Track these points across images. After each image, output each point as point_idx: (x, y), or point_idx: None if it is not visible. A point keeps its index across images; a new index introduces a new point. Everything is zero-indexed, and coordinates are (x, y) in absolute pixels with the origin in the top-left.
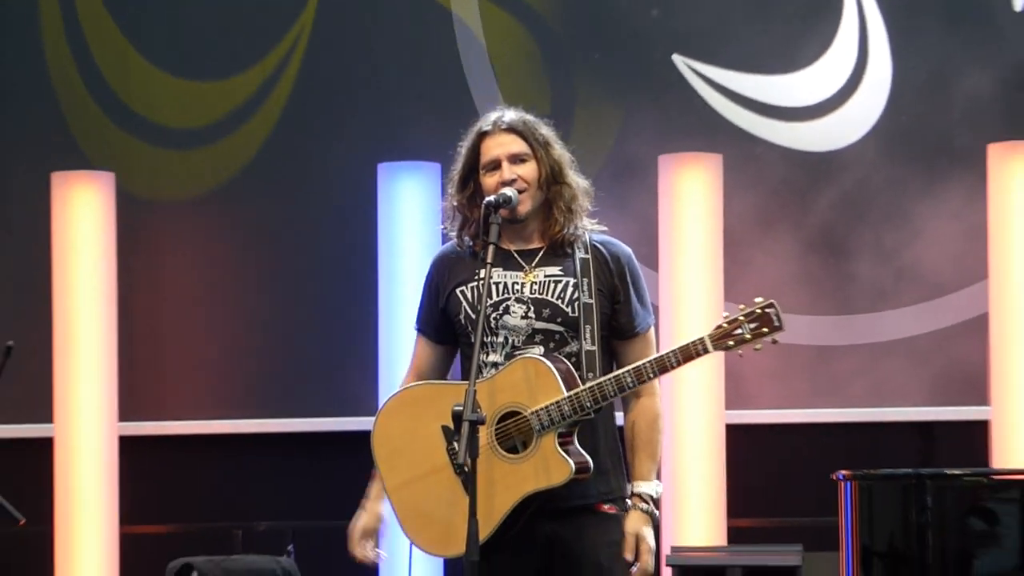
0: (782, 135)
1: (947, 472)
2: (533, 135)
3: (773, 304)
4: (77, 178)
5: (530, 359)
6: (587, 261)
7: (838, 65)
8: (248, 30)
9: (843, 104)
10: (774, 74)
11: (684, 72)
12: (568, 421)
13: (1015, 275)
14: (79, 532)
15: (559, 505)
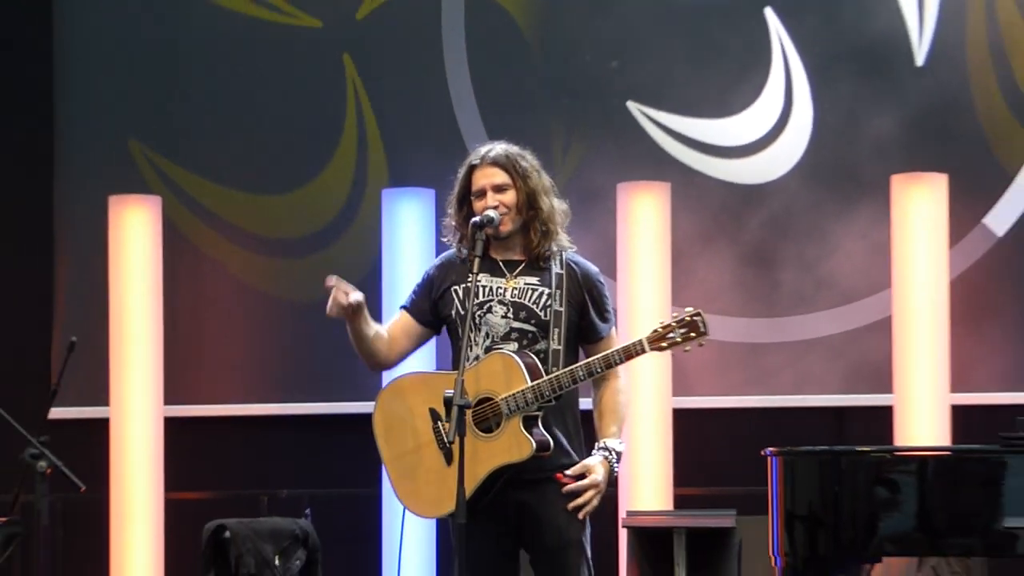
0: (719, 169)
1: (857, 449)
2: (514, 167)
3: (700, 313)
4: (131, 200)
5: (503, 354)
6: (562, 276)
7: (767, 110)
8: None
9: (772, 143)
10: (713, 118)
11: (636, 116)
12: (532, 406)
13: (913, 284)
14: (130, 498)
15: (526, 476)
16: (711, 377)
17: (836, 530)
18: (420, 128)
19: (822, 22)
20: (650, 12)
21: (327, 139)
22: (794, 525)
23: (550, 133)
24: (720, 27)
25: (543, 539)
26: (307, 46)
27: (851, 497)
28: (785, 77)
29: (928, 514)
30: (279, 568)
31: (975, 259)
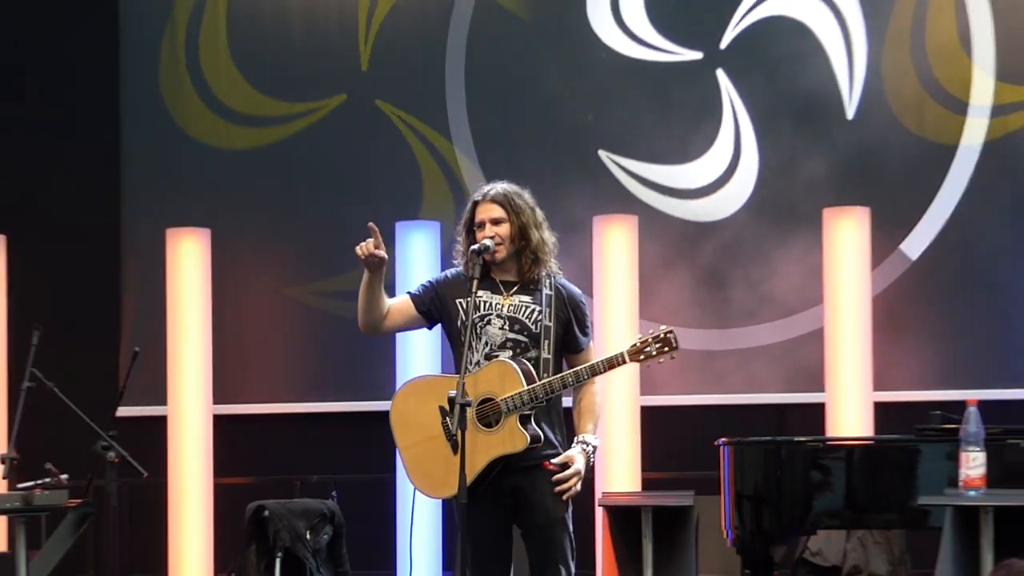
0: (678, 208)
1: (795, 439)
2: (510, 204)
3: (672, 331)
4: (184, 232)
5: (503, 362)
6: (551, 296)
7: (719, 157)
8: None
9: (724, 185)
10: (673, 164)
11: (607, 163)
12: (527, 406)
13: (841, 301)
14: (184, 482)
15: (519, 464)
16: (672, 379)
17: (778, 508)
18: (430, 172)
19: (765, 81)
20: (622, 72)
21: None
22: (742, 504)
23: (536, 173)
24: (679, 85)
25: (533, 517)
26: (346, 105)
27: (790, 480)
28: (734, 128)
29: (854, 494)
30: (310, 542)
31: (893, 279)
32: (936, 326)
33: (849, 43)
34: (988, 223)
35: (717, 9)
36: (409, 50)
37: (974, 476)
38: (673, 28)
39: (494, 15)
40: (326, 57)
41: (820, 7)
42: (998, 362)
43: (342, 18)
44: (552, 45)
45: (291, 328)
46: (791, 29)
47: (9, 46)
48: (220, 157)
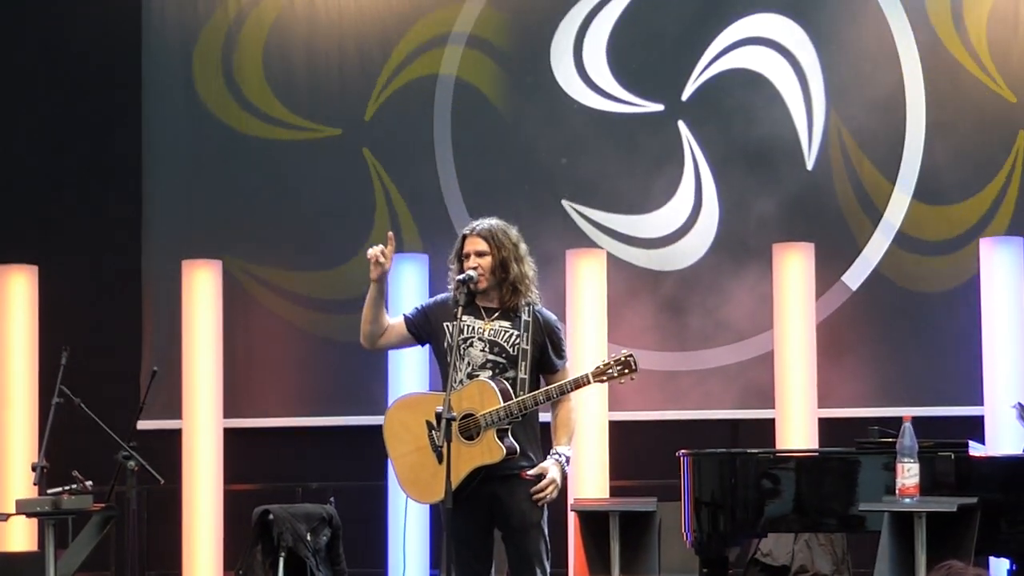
0: (641, 258)
1: (748, 451)
2: (493, 238)
3: (632, 355)
4: (199, 263)
5: (482, 381)
6: (528, 323)
7: (683, 202)
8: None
9: (689, 231)
10: (638, 213)
11: (570, 212)
12: (504, 421)
13: (789, 326)
14: (198, 488)
15: (498, 473)
16: (637, 396)
17: (732, 512)
18: (415, 206)
19: (720, 130)
20: (591, 122)
21: (364, 219)
22: (700, 509)
23: (515, 210)
24: (644, 134)
25: (510, 521)
26: (333, 150)
27: (743, 488)
28: (695, 174)
29: (801, 500)
30: (310, 543)
31: (835, 307)
32: (874, 350)
33: (808, 94)
34: (919, 257)
35: (678, 64)
36: (406, 119)
37: (909, 485)
38: (636, 82)
39: (472, 98)
40: (340, 94)
41: (775, 59)
42: (930, 382)
43: (364, 71)
44: (528, 97)
45: (294, 350)
46: (746, 80)
47: (41, 94)
48: (233, 182)
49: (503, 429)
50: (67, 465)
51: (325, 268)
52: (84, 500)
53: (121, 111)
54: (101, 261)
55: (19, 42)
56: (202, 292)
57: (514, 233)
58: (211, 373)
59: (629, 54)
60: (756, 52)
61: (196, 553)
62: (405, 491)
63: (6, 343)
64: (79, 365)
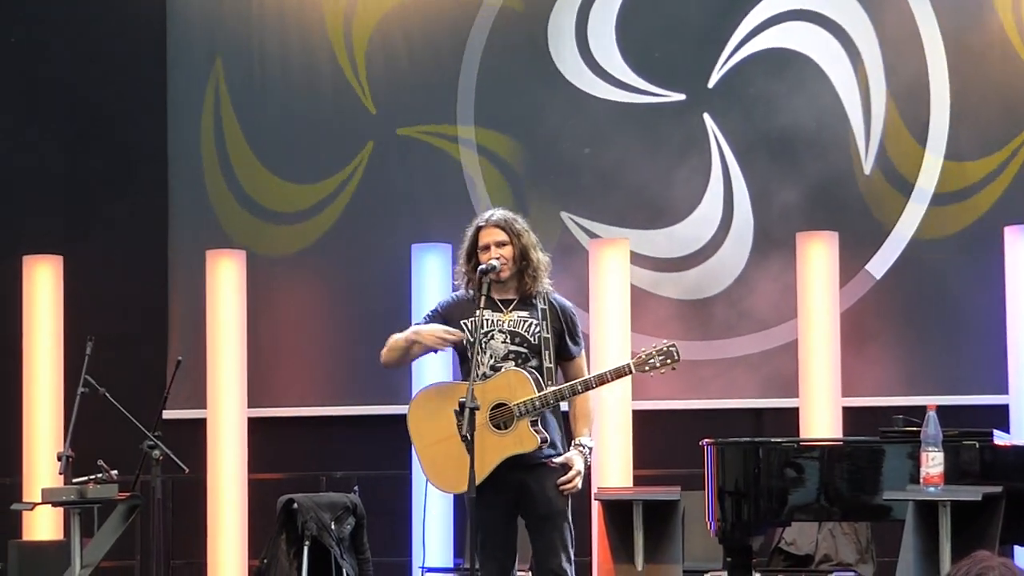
0: (663, 249)
1: (772, 440)
2: (511, 228)
3: (675, 344)
4: (223, 253)
5: (516, 371)
6: (546, 310)
7: (714, 195)
8: (326, 155)
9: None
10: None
11: (567, 223)
12: (539, 410)
13: (813, 315)
14: (223, 477)
15: (526, 462)
16: (661, 385)
17: (756, 501)
18: (440, 197)
19: (743, 118)
20: (613, 112)
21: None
22: (724, 498)
23: (540, 200)
24: (666, 125)
25: (537, 509)
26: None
27: (767, 476)
28: (722, 166)
29: (825, 489)
30: (334, 531)
31: (859, 296)
32: (898, 338)
33: (861, 73)
34: (943, 245)
35: (701, 50)
36: (404, 65)
37: (933, 474)
38: (656, 70)
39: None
40: (337, 124)
41: (802, 48)
42: (954, 371)
43: (335, 77)
44: (548, 87)
45: (318, 340)
46: (770, 69)
47: (67, 86)
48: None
49: (535, 419)
50: (92, 455)
51: (357, 262)
52: (109, 489)
53: (146, 101)
54: (126, 251)
55: (46, 35)
56: (226, 282)
57: (524, 222)
58: (235, 363)
59: (644, 39)
60: (795, 28)
61: (221, 542)
62: (431, 481)
63: (32, 333)
64: (104, 355)
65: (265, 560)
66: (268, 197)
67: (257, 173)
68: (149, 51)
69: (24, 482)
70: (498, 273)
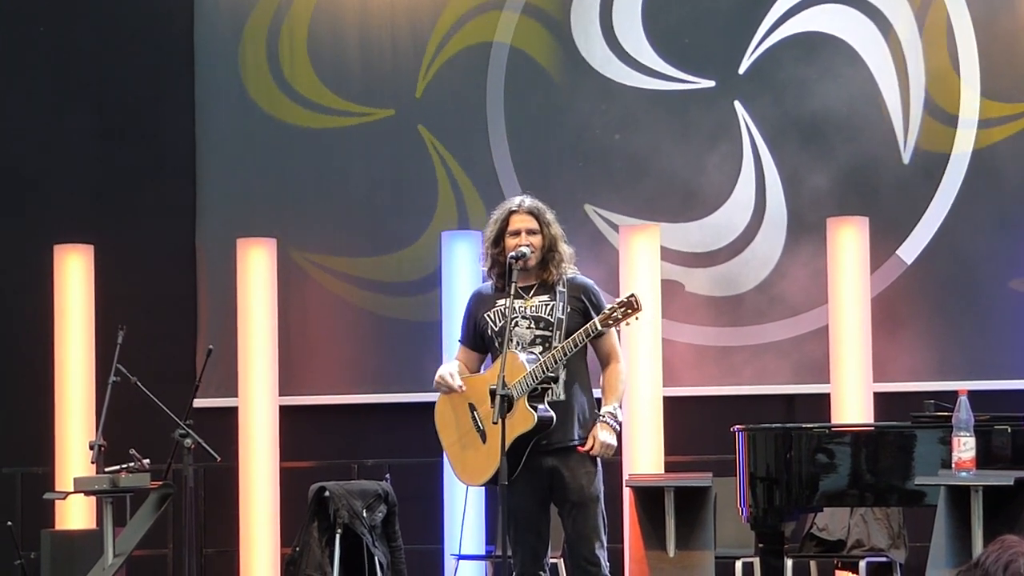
0: (695, 237)
1: (803, 425)
2: (542, 217)
3: (634, 294)
4: (253, 242)
5: (509, 353)
6: (564, 293)
7: (745, 188)
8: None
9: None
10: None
11: (591, 215)
12: (534, 386)
13: (844, 301)
14: (254, 465)
15: (556, 446)
16: (692, 372)
17: (788, 487)
18: (471, 183)
19: (773, 103)
20: (644, 98)
21: (426, 198)
22: (756, 484)
23: (570, 187)
24: (696, 111)
25: (569, 495)
26: (390, 131)
27: (799, 462)
28: (753, 152)
29: (857, 475)
30: (366, 519)
31: (890, 281)
32: (930, 324)
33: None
34: (976, 230)
35: (731, 36)
36: (459, 94)
37: (965, 459)
38: (685, 56)
39: (525, 65)
40: (390, 74)
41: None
42: (986, 356)
43: (415, 48)
44: (580, 75)
45: (349, 328)
46: (802, 53)
47: (96, 76)
48: (287, 165)
49: (536, 396)
50: (124, 444)
51: (386, 252)
52: (141, 478)
53: (174, 91)
54: (156, 240)
55: (74, 26)
56: (257, 270)
57: (551, 212)
58: (266, 351)
59: (672, 26)
60: (826, 11)
61: (253, 530)
62: (458, 476)
63: (64, 323)
64: (135, 344)
65: (297, 548)
66: (299, 187)
67: (286, 162)
68: (177, 40)
69: (56, 471)
70: (527, 261)
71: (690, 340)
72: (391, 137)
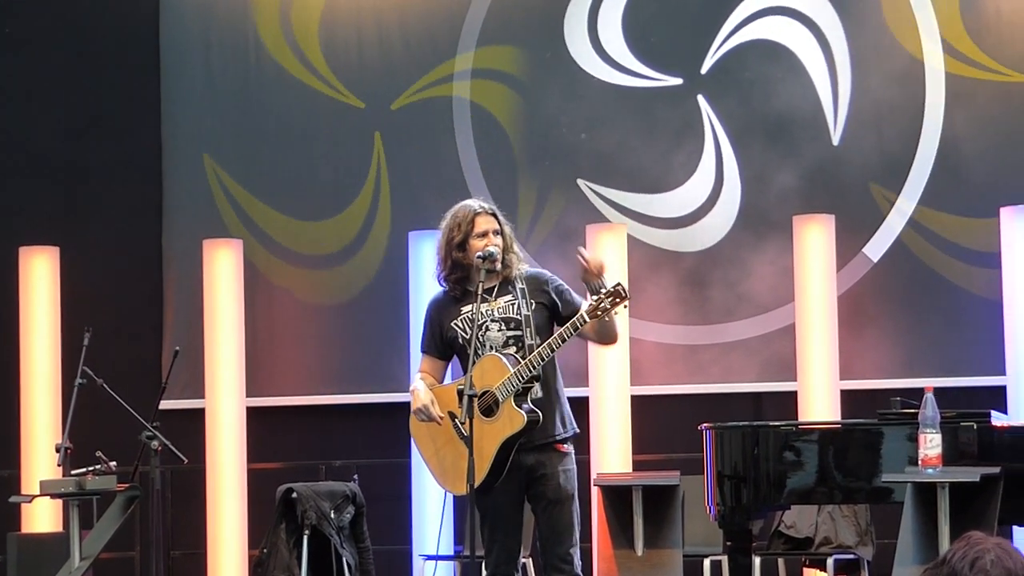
0: (659, 238)
1: (770, 423)
2: (499, 219)
3: (621, 283)
4: (219, 243)
5: (490, 356)
6: (524, 289)
7: (704, 177)
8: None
9: (711, 209)
10: (655, 192)
11: (586, 191)
12: (519, 387)
13: (810, 299)
14: (222, 467)
15: (535, 443)
16: (660, 370)
17: (755, 485)
18: (435, 186)
19: (740, 103)
20: (610, 96)
21: (352, 189)
22: (723, 482)
23: (537, 188)
24: (662, 108)
25: (546, 494)
26: (350, 121)
27: (766, 460)
28: (715, 149)
29: (824, 472)
30: (334, 520)
31: (856, 279)
32: (895, 321)
33: (832, 64)
34: (940, 228)
35: (696, 37)
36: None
37: (931, 456)
38: (654, 55)
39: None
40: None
41: (798, 30)
42: (952, 352)
43: None
44: (545, 74)
45: (315, 328)
46: (766, 52)
47: (62, 78)
48: (250, 170)
49: (521, 396)
50: (91, 446)
51: (320, 218)
52: (108, 481)
53: (140, 91)
54: (122, 242)
55: (40, 27)
56: (223, 271)
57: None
58: (233, 352)
59: (646, 27)
60: (775, 23)
61: (220, 532)
62: (444, 486)
63: (29, 325)
64: (101, 346)
65: (265, 550)
66: (263, 184)
67: (254, 163)
68: (143, 40)
69: (23, 474)
70: (495, 261)
71: (657, 338)
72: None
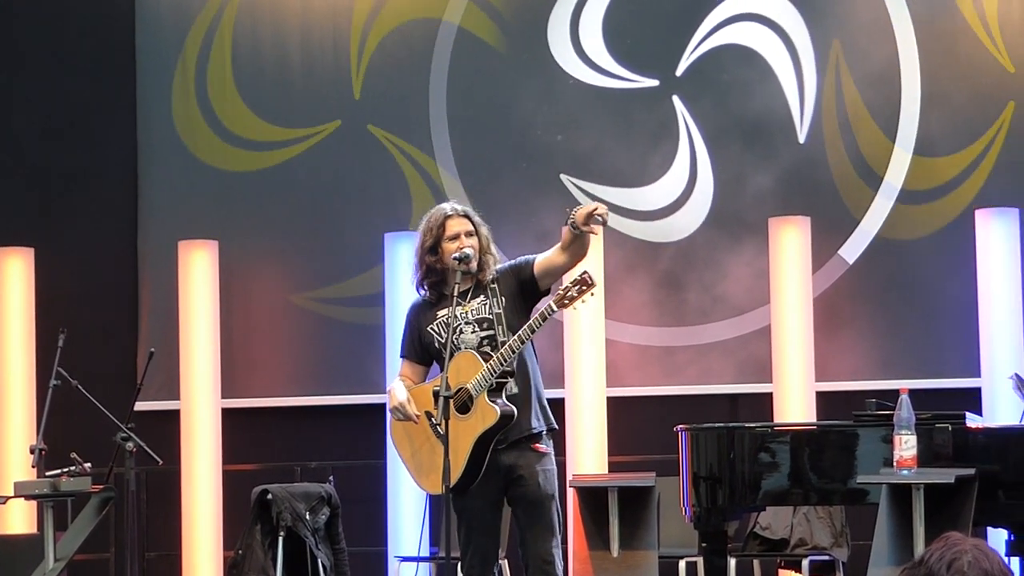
0: (636, 230)
1: (746, 425)
2: (474, 219)
3: (587, 271)
4: (195, 244)
5: (463, 353)
6: (495, 288)
7: (678, 176)
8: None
9: (683, 204)
10: (634, 186)
11: (568, 186)
12: (492, 381)
13: (786, 301)
14: (197, 469)
15: (513, 438)
16: (635, 372)
17: (730, 487)
18: (414, 186)
19: (714, 105)
20: (587, 97)
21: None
22: (699, 484)
23: (513, 188)
24: (639, 109)
25: (526, 494)
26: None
27: (741, 462)
28: (690, 149)
29: (799, 474)
30: (309, 522)
31: (832, 281)
32: (871, 323)
33: (800, 70)
34: (916, 230)
35: (672, 39)
36: (397, 80)
37: (906, 457)
38: (631, 57)
39: (472, 47)
40: (322, 87)
41: (767, 35)
42: (927, 355)
43: (336, 52)
44: (524, 73)
45: (291, 330)
46: (742, 56)
47: (37, 79)
48: (227, 177)
49: (495, 391)
50: (65, 447)
51: (321, 241)
52: (83, 482)
53: (115, 93)
54: (97, 243)
55: (15, 29)
56: (198, 272)
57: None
58: (208, 353)
59: (624, 30)
60: (748, 28)
61: (195, 533)
62: (422, 487)
63: (3, 326)
64: (76, 347)
65: (240, 551)
66: (242, 188)
67: (230, 162)
68: (118, 42)
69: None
70: (469, 263)
71: (633, 340)
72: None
